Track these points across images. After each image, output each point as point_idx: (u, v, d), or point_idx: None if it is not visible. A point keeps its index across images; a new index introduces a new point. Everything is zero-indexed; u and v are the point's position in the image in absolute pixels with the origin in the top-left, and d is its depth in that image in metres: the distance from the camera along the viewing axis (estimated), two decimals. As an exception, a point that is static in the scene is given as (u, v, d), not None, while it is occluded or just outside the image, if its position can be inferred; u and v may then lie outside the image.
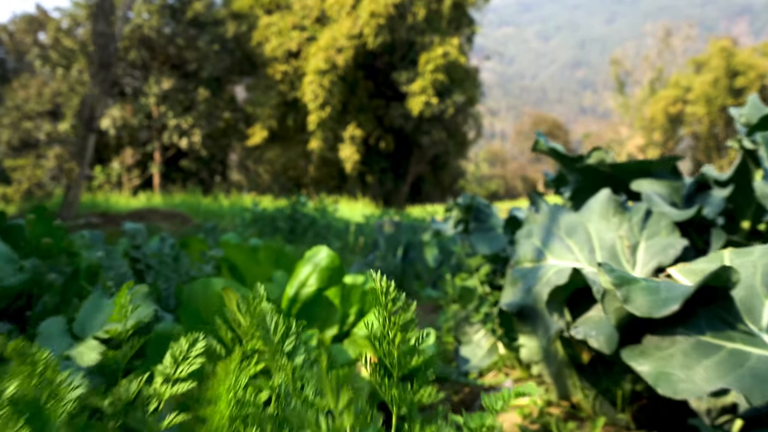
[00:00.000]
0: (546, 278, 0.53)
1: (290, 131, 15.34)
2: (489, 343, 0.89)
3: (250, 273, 0.82)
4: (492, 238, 0.81)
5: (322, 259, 0.61)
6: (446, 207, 1.11)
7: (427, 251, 1.63)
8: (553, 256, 0.57)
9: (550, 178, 1.00)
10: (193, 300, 0.51)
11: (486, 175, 30.36)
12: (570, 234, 0.57)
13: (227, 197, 8.90)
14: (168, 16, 14.66)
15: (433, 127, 15.15)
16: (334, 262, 0.61)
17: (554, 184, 1.00)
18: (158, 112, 14.99)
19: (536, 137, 0.82)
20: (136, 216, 4.74)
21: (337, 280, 0.61)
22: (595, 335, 0.38)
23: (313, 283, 0.60)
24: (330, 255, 0.61)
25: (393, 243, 1.60)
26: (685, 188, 0.66)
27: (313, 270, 0.60)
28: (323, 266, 0.60)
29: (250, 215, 3.43)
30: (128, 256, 0.83)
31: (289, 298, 0.61)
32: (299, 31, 14.71)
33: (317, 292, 0.61)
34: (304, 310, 0.62)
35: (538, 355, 0.63)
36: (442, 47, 14.14)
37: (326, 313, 0.62)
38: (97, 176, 14.51)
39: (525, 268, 0.57)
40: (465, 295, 0.87)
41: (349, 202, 9.12)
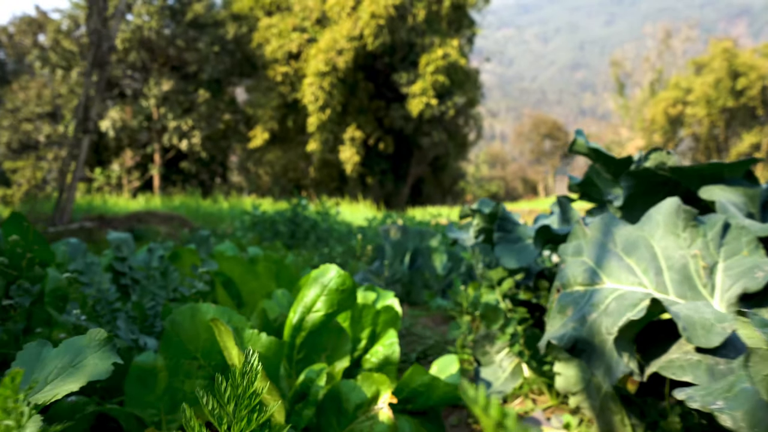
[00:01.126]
0: (604, 306, 0.44)
1: (290, 133, 15.32)
2: (512, 364, 0.80)
3: (248, 288, 0.73)
4: (520, 250, 0.72)
5: (331, 279, 0.50)
6: (461, 213, 1.01)
7: (436, 258, 1.54)
8: (610, 278, 0.47)
9: (575, 181, 0.91)
10: (177, 329, 0.42)
11: (486, 177, 30.37)
12: (630, 251, 0.47)
13: (227, 199, 8.82)
14: (168, 17, 14.67)
15: (433, 129, 15.14)
16: (345, 283, 0.50)
17: (580, 189, 0.91)
18: (158, 113, 14.98)
19: (575, 136, 0.72)
20: (134, 219, 4.65)
21: (348, 305, 0.51)
22: (726, 409, 0.25)
23: (320, 308, 0.50)
24: (341, 275, 0.50)
25: (399, 249, 1.51)
26: (761, 196, 0.56)
27: (321, 292, 0.50)
28: (333, 288, 0.50)
29: (250, 218, 3.34)
30: (112, 269, 0.74)
31: (293, 325, 0.51)
32: (299, 32, 14.72)
33: (325, 318, 0.50)
34: (311, 339, 0.52)
35: (578, 386, 0.55)
36: (442, 49, 14.15)
37: (335, 342, 0.53)
38: (96, 178, 14.49)
39: (576, 292, 0.47)
40: (489, 314, 0.78)
41: (350, 204, 9.04)
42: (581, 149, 0.73)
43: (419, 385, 0.52)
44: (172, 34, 14.63)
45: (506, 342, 0.75)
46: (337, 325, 0.54)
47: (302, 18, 15.14)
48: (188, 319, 0.42)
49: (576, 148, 0.74)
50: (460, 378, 0.58)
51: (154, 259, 0.79)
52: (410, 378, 0.54)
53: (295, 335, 0.51)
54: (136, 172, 15.18)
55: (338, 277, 0.51)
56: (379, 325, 0.62)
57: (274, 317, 0.66)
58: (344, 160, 14.45)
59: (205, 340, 0.43)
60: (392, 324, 0.64)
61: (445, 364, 0.59)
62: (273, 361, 0.41)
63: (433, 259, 1.54)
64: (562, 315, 0.47)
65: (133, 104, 14.62)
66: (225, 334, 0.37)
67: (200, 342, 0.42)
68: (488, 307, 0.78)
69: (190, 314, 0.42)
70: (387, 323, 0.63)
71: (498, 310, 0.77)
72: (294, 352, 0.50)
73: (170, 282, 0.67)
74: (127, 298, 0.72)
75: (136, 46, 14.36)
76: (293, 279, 0.75)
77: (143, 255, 0.80)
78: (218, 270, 0.73)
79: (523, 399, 0.80)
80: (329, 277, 0.51)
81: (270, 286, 0.76)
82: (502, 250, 0.72)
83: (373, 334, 0.61)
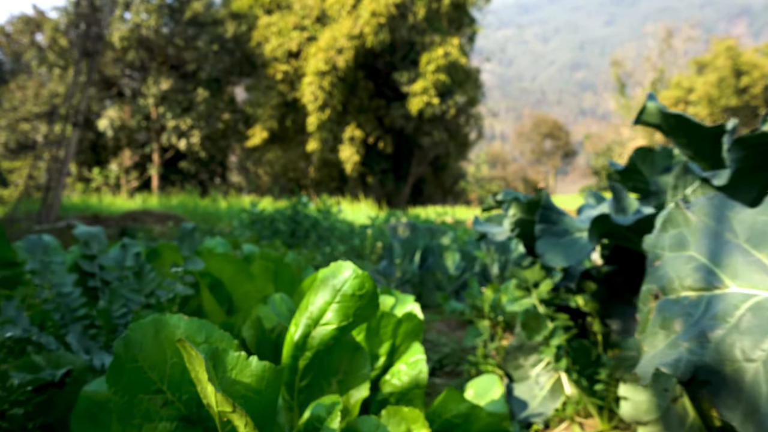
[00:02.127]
0: (734, 319, 0.30)
1: (290, 132, 15.24)
2: (551, 380, 0.67)
3: (240, 291, 0.61)
4: (568, 245, 0.58)
5: (345, 282, 0.36)
6: (485, 205, 0.87)
7: (448, 257, 1.42)
8: (735, 280, 0.32)
9: (617, 168, 0.79)
10: (133, 351, 0.30)
11: (486, 177, 30.43)
12: (759, 243, 0.33)
13: (225, 199, 8.70)
14: (166, 15, 14.59)
15: (434, 128, 15.08)
16: (364, 286, 0.36)
17: (621, 177, 0.78)
18: (157, 113, 14.92)
19: (646, 101, 0.57)
20: (129, 218, 4.54)
21: (368, 314, 0.35)
22: None
23: (331, 320, 0.36)
24: (358, 276, 0.36)
25: (409, 248, 1.38)
26: None
27: (332, 298, 0.36)
28: (347, 293, 0.36)
29: (248, 217, 3.21)
30: (78, 269, 0.62)
31: (295, 342, 0.38)
32: (299, 31, 14.64)
33: (338, 333, 0.36)
34: (318, 361, 0.39)
35: (652, 414, 0.43)
36: (443, 47, 14.09)
37: (351, 363, 0.38)
38: (94, 178, 14.42)
39: (684, 299, 0.34)
40: (530, 323, 0.66)
41: (351, 203, 8.91)
42: (651, 118, 0.59)
43: (455, 416, 0.40)
44: (171, 32, 14.55)
45: (549, 355, 0.62)
46: (353, 341, 0.41)
47: (302, 16, 15.05)
48: (150, 336, 0.30)
49: (645, 118, 0.60)
50: (506, 405, 0.45)
51: (128, 258, 0.63)
52: (443, 406, 0.41)
53: (298, 355, 0.36)
54: (134, 172, 15.11)
55: (355, 278, 0.36)
56: (399, 336, 0.49)
57: (272, 326, 0.54)
58: (344, 159, 14.36)
59: (174, 366, 0.30)
60: (415, 335, 0.52)
61: (485, 386, 0.46)
62: (267, 397, 0.29)
63: (444, 258, 1.42)
64: (667, 331, 0.34)
65: (132, 103, 14.54)
66: (196, 362, 0.25)
67: (167, 368, 0.30)
68: (530, 314, 0.65)
69: (152, 330, 0.30)
70: (409, 335, 0.50)
71: (541, 318, 0.64)
72: (296, 378, 0.37)
73: (146, 284, 0.55)
74: (95, 303, 0.60)
75: (135, 44, 14.28)
76: (294, 281, 0.62)
77: (116, 252, 0.67)
78: (205, 270, 0.61)
79: (569, 424, 0.66)
80: (343, 279, 0.36)
81: (267, 289, 0.63)
82: (545, 246, 0.59)
83: (393, 349, 0.48)
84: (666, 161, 0.78)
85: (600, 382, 0.61)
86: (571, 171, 36.68)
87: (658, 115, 0.58)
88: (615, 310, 0.62)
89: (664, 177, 0.77)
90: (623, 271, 0.63)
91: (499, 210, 0.85)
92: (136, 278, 0.57)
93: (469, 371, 0.92)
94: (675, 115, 0.55)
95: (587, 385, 0.63)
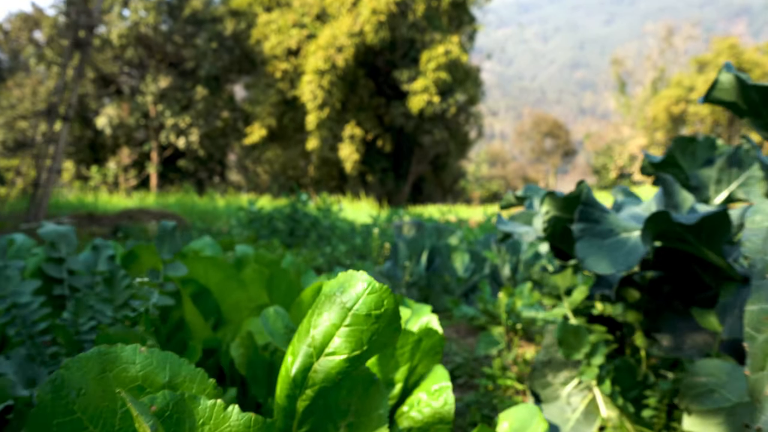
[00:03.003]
0: None
1: (289, 130, 15.16)
2: (585, 400, 0.58)
3: (229, 301, 0.52)
4: (614, 247, 0.46)
5: (358, 297, 0.26)
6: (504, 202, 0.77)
7: (456, 258, 1.34)
8: None
9: (652, 160, 0.70)
10: (68, 397, 0.21)
11: (486, 176, 30.43)
12: None
13: (223, 197, 8.61)
14: (165, 13, 14.49)
15: (434, 127, 15.03)
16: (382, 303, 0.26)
17: (658, 170, 0.70)
18: (155, 111, 14.84)
19: (720, 73, 0.44)
20: (125, 216, 4.44)
21: (388, 340, 0.26)
22: None
23: (340, 348, 0.26)
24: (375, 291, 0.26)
25: (415, 248, 1.30)
26: None
27: (341, 320, 0.26)
28: (361, 313, 0.26)
29: (245, 215, 3.12)
30: (42, 274, 0.53)
31: (292, 377, 0.27)
32: (299, 28, 14.54)
33: (348, 365, 0.26)
34: (322, 401, 0.30)
35: None
36: (443, 45, 14.01)
37: (362, 403, 0.28)
38: (93, 176, 14.37)
39: None
40: (569, 338, 0.56)
41: (351, 202, 8.82)
42: (725, 94, 0.46)
43: (490, 460, 0.31)
44: (170, 30, 14.44)
45: (590, 376, 0.53)
46: (366, 372, 0.31)
47: (302, 14, 14.95)
48: (93, 377, 0.21)
49: (718, 94, 0.47)
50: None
51: (100, 261, 0.54)
52: (475, 448, 0.33)
53: (296, 395, 0.27)
54: (133, 170, 15.03)
55: (370, 293, 0.26)
56: (418, 357, 0.40)
57: (266, 343, 0.45)
58: (344, 158, 14.29)
59: (124, 416, 0.21)
60: (436, 355, 0.43)
61: (523, 420, 0.37)
62: (253, 460, 0.20)
63: (453, 259, 1.33)
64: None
65: (130, 101, 14.44)
66: (142, 426, 0.17)
67: (116, 421, 0.21)
68: (568, 329, 0.56)
69: (96, 368, 0.21)
70: (429, 355, 0.41)
71: (581, 334, 0.55)
72: (293, 424, 0.27)
73: (118, 293, 0.47)
74: (59, 313, 0.51)
75: (133, 42, 14.17)
76: (292, 288, 0.53)
77: (87, 255, 0.55)
78: (189, 276, 0.52)
79: (608, 452, 0.58)
80: (355, 294, 0.26)
81: (260, 297, 0.55)
82: (587, 248, 0.49)
83: (411, 373, 0.39)
84: (708, 152, 0.69)
85: (648, 407, 0.52)
86: (571, 170, 36.71)
87: (734, 89, 0.45)
88: (665, 323, 0.53)
89: (706, 170, 0.69)
90: (674, 278, 0.54)
91: (520, 207, 0.76)
92: (107, 286, 0.48)
93: (486, 386, 0.83)
94: (763, 87, 0.42)
95: (632, 410, 0.54)
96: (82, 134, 14.89)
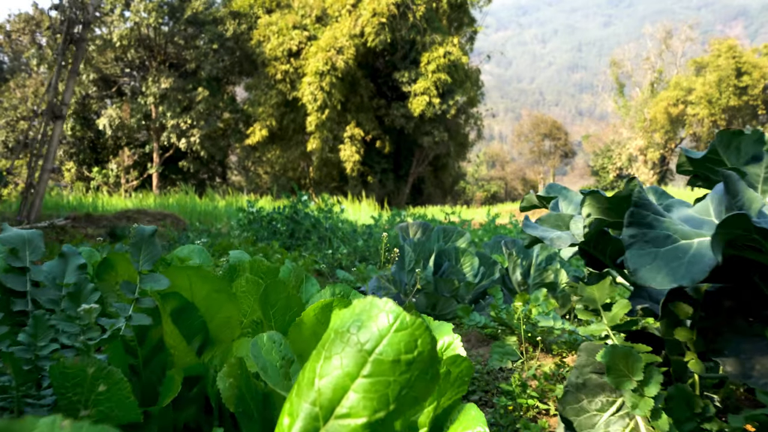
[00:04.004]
0: None
1: (290, 131, 15.17)
2: (626, 430, 0.50)
3: (219, 317, 0.44)
4: (674, 256, 0.38)
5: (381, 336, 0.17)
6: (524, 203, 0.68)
7: (465, 261, 1.26)
8: None
9: (692, 156, 0.62)
10: None
11: (485, 177, 30.52)
12: None
13: (223, 198, 8.55)
14: (166, 14, 14.54)
15: (434, 128, 15.07)
16: (415, 344, 0.16)
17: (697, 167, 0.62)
18: (156, 112, 14.87)
19: None
20: (123, 217, 4.37)
21: (424, 393, 0.16)
22: None
23: (357, 408, 0.16)
24: (405, 327, 0.16)
25: (422, 251, 1.22)
26: None
27: (359, 367, 0.16)
28: (386, 359, 0.16)
29: (245, 216, 3.04)
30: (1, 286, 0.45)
31: None
32: (300, 30, 14.59)
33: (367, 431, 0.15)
34: None
35: None
36: (443, 47, 14.06)
37: None
38: (94, 177, 14.37)
39: None
40: (617, 364, 0.46)
41: (352, 203, 8.76)
42: None
43: None
44: (171, 31, 14.47)
45: (644, 411, 0.43)
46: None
47: (302, 15, 14.99)
48: None
49: None
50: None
51: (69, 272, 0.45)
52: None
53: None
54: (134, 171, 15.02)
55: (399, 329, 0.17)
56: (446, 393, 0.32)
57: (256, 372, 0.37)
58: (344, 158, 14.28)
59: None
60: (462, 385, 0.36)
61: None
62: None
63: (462, 262, 1.26)
64: None
65: (131, 102, 14.45)
66: None
67: None
68: (618, 352, 0.46)
69: None
70: (456, 385, 0.33)
71: (634, 358, 0.46)
72: None
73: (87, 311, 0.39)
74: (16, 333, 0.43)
75: (134, 43, 14.20)
76: (291, 303, 0.45)
77: (53, 264, 0.46)
78: (171, 288, 0.42)
79: (657, 493, 0.49)
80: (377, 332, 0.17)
81: (256, 313, 0.47)
82: (640, 258, 0.39)
83: (437, 411, 0.31)
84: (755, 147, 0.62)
85: (709, 441, 0.44)
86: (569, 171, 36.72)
87: None
88: (727, 344, 0.45)
89: (754, 167, 0.62)
90: (737, 292, 0.46)
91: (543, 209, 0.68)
92: (72, 301, 0.40)
93: (506, 405, 0.75)
94: None
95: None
96: (84, 135, 14.87)
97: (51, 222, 2.79)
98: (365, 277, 1.66)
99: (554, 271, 1.30)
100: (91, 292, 0.42)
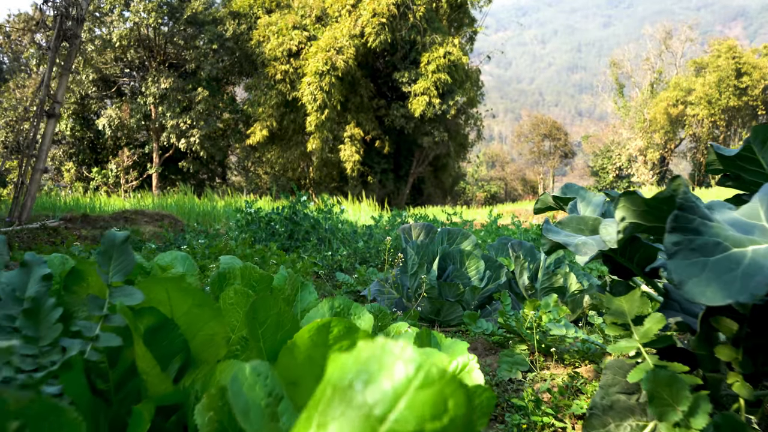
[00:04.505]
0: None
1: (290, 132, 15.13)
2: None
3: (202, 335, 0.38)
4: (725, 267, 0.32)
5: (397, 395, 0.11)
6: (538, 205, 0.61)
7: (471, 265, 1.20)
8: None
9: (727, 153, 0.56)
10: None
11: (485, 177, 30.54)
12: None
13: (222, 198, 8.48)
14: (166, 14, 14.51)
15: (434, 128, 15.06)
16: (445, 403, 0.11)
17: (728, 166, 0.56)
18: (156, 112, 14.85)
19: None
20: (120, 218, 4.31)
21: None
22: None
23: None
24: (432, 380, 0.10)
25: (426, 254, 1.16)
26: None
27: None
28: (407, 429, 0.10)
29: (243, 217, 2.98)
30: None
31: None
32: (299, 30, 14.56)
33: None
34: None
35: None
36: (443, 47, 14.05)
37: None
38: (94, 177, 14.33)
39: None
40: (661, 392, 0.38)
41: (352, 203, 8.70)
42: None
43: None
44: (170, 31, 14.44)
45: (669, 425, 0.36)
46: None
47: (302, 16, 14.97)
48: None
49: None
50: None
51: (32, 283, 0.37)
52: None
53: None
54: (133, 171, 14.98)
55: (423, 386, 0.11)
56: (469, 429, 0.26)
57: None
58: (344, 158, 14.24)
59: None
60: (483, 417, 0.30)
61: None
62: None
63: (467, 266, 1.20)
64: None
65: (131, 102, 14.42)
66: None
67: None
68: (661, 377, 0.39)
69: None
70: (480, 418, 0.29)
71: (679, 385, 0.39)
72: None
73: (45, 330, 0.32)
74: None
75: (134, 43, 14.17)
76: (283, 319, 0.38)
77: (13, 275, 0.39)
78: (146, 303, 0.36)
79: None
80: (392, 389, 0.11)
81: (246, 327, 0.41)
82: (687, 268, 0.30)
83: None
84: (793, 145, 0.56)
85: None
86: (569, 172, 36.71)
87: None
88: None
89: (791, 166, 0.56)
90: None
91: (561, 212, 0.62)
92: (30, 320, 0.33)
93: (519, 424, 0.69)
94: None
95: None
96: (83, 135, 14.82)
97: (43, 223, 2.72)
98: (366, 281, 1.60)
99: (563, 274, 1.25)
100: (52, 309, 0.35)
